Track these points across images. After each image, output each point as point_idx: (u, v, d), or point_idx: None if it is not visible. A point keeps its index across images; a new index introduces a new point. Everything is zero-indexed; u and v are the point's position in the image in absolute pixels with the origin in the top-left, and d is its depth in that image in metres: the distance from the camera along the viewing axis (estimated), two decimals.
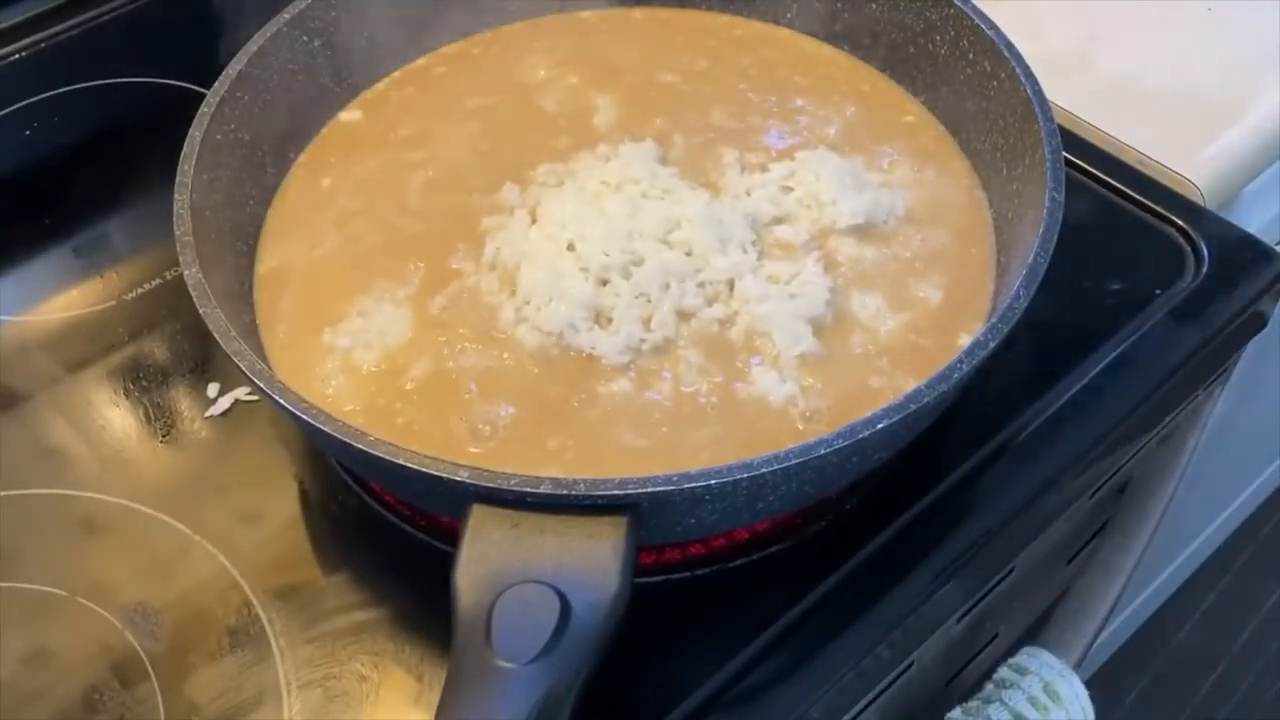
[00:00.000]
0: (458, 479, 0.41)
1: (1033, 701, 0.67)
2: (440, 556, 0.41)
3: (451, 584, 0.40)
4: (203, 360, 0.59)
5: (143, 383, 0.59)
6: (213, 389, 0.58)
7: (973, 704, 0.67)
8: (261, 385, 0.45)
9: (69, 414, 0.58)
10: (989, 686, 0.69)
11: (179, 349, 0.60)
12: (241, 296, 0.54)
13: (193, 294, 0.48)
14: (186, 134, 0.53)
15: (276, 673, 0.49)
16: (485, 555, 0.41)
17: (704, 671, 0.48)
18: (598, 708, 0.46)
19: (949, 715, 0.67)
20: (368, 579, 0.52)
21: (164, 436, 0.57)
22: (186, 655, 0.50)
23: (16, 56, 0.75)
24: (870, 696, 0.54)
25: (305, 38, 0.60)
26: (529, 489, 0.41)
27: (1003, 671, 0.69)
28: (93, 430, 0.57)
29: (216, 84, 0.55)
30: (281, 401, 0.44)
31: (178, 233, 0.50)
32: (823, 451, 0.42)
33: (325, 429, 0.43)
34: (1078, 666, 0.81)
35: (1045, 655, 0.70)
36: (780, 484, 0.43)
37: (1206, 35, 0.74)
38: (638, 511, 0.41)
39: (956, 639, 0.62)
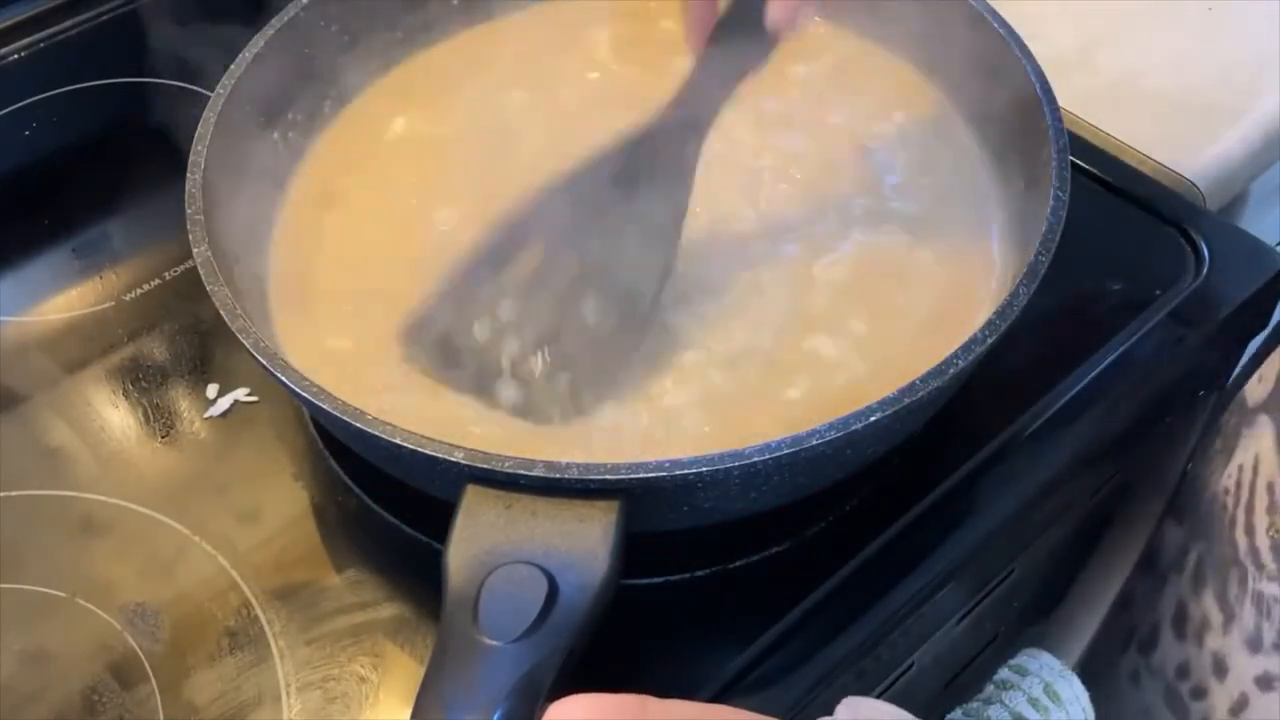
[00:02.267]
0: (453, 459, 0.42)
1: (1033, 703, 0.67)
2: (440, 556, 0.41)
3: (442, 562, 0.41)
4: (202, 361, 0.59)
5: (142, 383, 0.59)
6: (212, 390, 0.58)
7: (973, 705, 0.67)
8: (264, 362, 0.45)
9: (68, 415, 0.58)
10: (989, 688, 0.69)
11: (178, 350, 0.60)
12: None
13: (201, 272, 0.48)
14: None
15: (276, 674, 0.49)
16: (477, 535, 0.41)
17: (703, 673, 0.48)
18: None
19: (949, 716, 0.67)
20: (367, 580, 0.52)
21: (163, 437, 0.57)
22: (186, 656, 0.49)
23: (16, 56, 0.75)
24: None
25: (323, 22, 0.60)
26: (523, 471, 0.42)
27: (1003, 673, 0.69)
28: (91, 431, 0.57)
29: (232, 66, 0.56)
30: (284, 379, 0.45)
31: (189, 211, 0.50)
32: (815, 442, 0.42)
33: (325, 406, 0.44)
34: (1078, 667, 0.81)
35: (1045, 656, 0.70)
36: (773, 473, 0.44)
37: (1206, 35, 0.74)
38: (629, 497, 0.42)
39: (956, 640, 0.62)
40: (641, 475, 0.42)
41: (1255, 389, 0.66)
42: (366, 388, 0.50)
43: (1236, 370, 0.67)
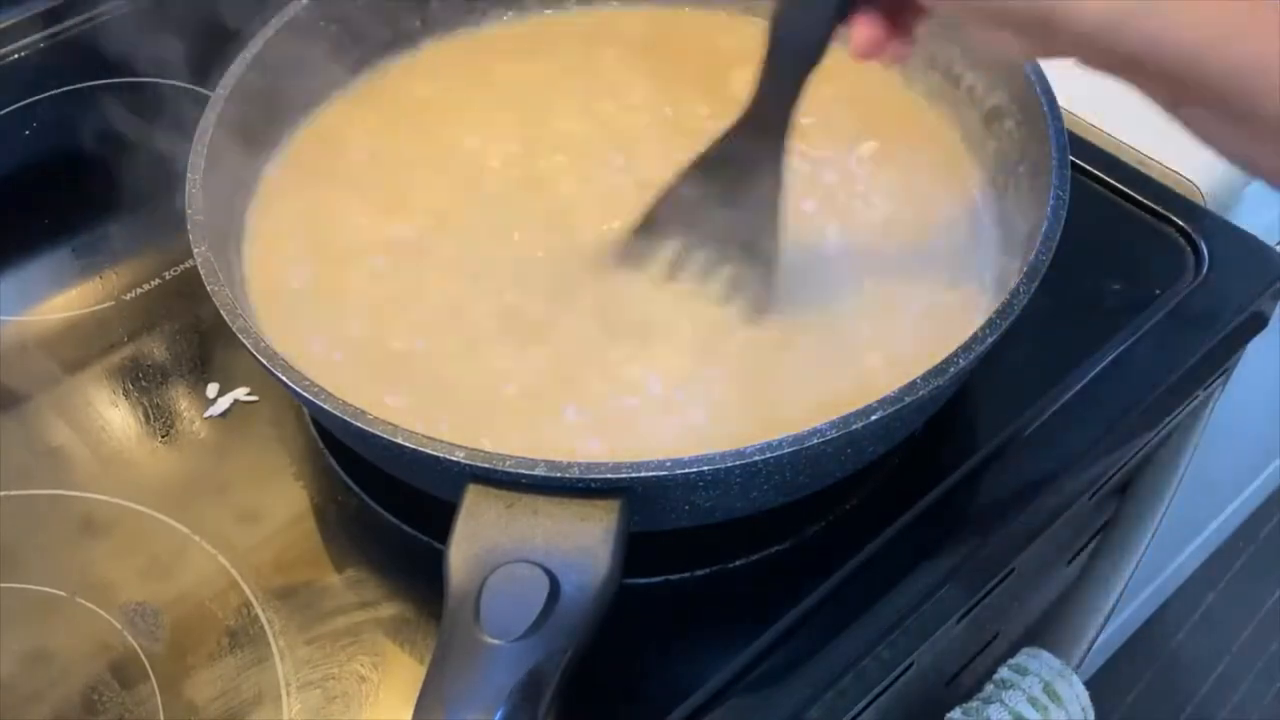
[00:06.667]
0: (454, 459, 0.42)
1: (1033, 702, 0.67)
2: (440, 556, 0.41)
3: (444, 562, 0.41)
4: (202, 360, 0.59)
5: (142, 383, 0.59)
6: (212, 389, 0.58)
7: (973, 704, 0.67)
8: (265, 362, 0.46)
9: (68, 414, 0.58)
10: (989, 687, 0.69)
11: (178, 349, 0.60)
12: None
13: (201, 272, 0.48)
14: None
15: (276, 673, 0.49)
16: (478, 534, 0.41)
17: (703, 672, 0.48)
18: (596, 708, 0.46)
19: (949, 716, 0.67)
20: (367, 579, 0.52)
21: (163, 437, 0.57)
22: (186, 656, 0.50)
23: (16, 56, 0.75)
24: (870, 697, 0.54)
25: (323, 23, 0.60)
26: (524, 470, 0.42)
27: (1003, 672, 0.69)
28: (92, 430, 0.57)
29: (233, 66, 0.56)
30: (285, 379, 0.45)
31: (189, 211, 0.50)
32: (815, 441, 0.42)
33: (326, 406, 0.44)
34: (1078, 667, 0.81)
35: (1045, 656, 0.70)
36: (774, 472, 0.44)
37: None
38: (631, 495, 0.42)
39: (956, 640, 0.62)
40: (643, 474, 0.42)
41: None
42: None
43: None
